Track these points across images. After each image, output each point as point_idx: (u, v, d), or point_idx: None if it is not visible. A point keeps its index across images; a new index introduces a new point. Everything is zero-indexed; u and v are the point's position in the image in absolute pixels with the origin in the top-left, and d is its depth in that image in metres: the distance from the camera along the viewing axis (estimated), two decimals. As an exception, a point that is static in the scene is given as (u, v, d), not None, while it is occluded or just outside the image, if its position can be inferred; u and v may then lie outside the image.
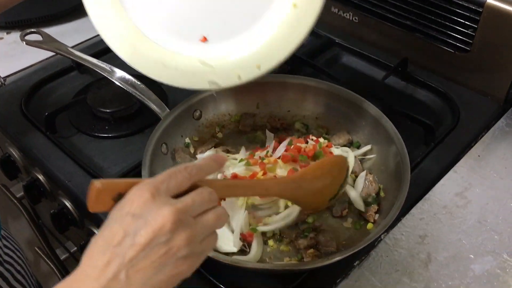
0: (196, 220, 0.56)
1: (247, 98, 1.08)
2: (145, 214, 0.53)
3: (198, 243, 0.56)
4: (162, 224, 0.52)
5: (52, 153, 1.09)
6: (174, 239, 0.53)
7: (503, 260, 0.88)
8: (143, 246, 0.52)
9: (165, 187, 0.56)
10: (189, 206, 0.55)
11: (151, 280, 0.52)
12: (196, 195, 0.57)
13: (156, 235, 0.52)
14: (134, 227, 0.52)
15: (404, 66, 1.23)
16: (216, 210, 0.59)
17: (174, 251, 0.53)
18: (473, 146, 1.09)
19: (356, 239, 0.87)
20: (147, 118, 1.13)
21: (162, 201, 0.54)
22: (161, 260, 0.52)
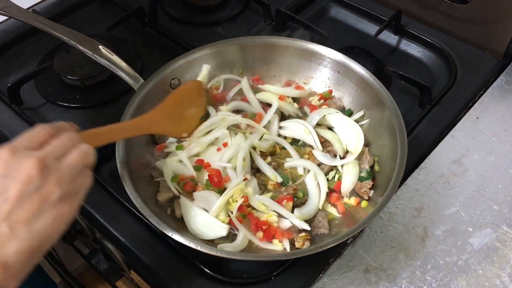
0: (60, 162, 0.58)
1: (228, 63, 0.99)
2: (8, 171, 0.55)
3: (70, 183, 0.58)
4: (28, 174, 0.55)
5: (19, 127, 1.01)
6: (44, 185, 0.55)
7: (502, 232, 0.84)
8: (16, 198, 0.54)
9: (23, 144, 0.59)
10: (50, 151, 0.58)
11: (34, 227, 0.55)
12: (55, 141, 0.60)
13: (25, 185, 0.54)
14: (2, 186, 0.54)
15: (398, 19, 1.14)
16: (79, 148, 0.61)
17: (48, 196, 0.55)
18: (471, 107, 1.02)
19: (350, 217, 0.82)
20: (121, 84, 1.03)
21: (22, 155, 0.56)
22: (38, 207, 0.55)
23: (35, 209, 0.55)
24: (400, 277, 0.79)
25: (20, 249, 0.54)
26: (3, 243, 0.53)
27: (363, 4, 1.20)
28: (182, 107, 0.91)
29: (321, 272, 0.79)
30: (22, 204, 0.54)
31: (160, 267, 0.80)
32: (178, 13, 1.26)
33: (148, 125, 0.85)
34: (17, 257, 0.54)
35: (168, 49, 1.16)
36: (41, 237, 0.55)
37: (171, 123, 0.89)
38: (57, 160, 0.58)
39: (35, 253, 0.56)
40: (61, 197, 0.57)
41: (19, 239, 0.54)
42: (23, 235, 0.54)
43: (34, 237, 0.55)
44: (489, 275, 0.79)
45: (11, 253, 0.54)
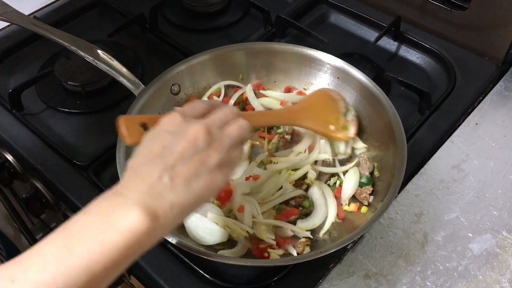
0: (222, 133, 0.62)
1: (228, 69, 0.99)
2: (179, 130, 0.59)
3: (227, 153, 0.61)
4: (195, 136, 0.58)
5: (20, 133, 1.01)
6: (206, 148, 0.59)
7: (502, 237, 0.84)
8: (181, 153, 0.57)
9: (191, 113, 0.63)
10: (214, 121, 0.62)
11: (191, 185, 0.57)
12: (219, 112, 0.64)
13: (191, 144, 0.58)
14: (171, 141, 0.58)
15: (397, 26, 1.15)
16: (238, 121, 0.64)
17: (208, 159, 0.58)
18: (470, 113, 1.03)
19: (349, 223, 0.82)
20: (122, 90, 1.03)
21: (192, 120, 0.61)
22: (198, 168, 0.58)
23: (195, 168, 0.57)
24: (400, 282, 0.79)
25: (175, 202, 0.56)
26: (163, 193, 0.55)
27: (362, 11, 1.21)
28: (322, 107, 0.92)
29: (321, 277, 0.79)
30: (186, 161, 0.57)
31: (160, 273, 0.80)
32: (179, 19, 1.26)
33: (302, 118, 0.88)
34: (171, 209, 0.56)
35: (168, 55, 1.16)
36: (195, 196, 0.57)
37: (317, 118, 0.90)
38: (220, 129, 0.62)
39: (185, 210, 0.58)
40: (218, 164, 0.59)
41: (177, 192, 0.56)
42: (181, 190, 0.56)
43: (189, 194, 0.57)
44: (489, 280, 0.79)
45: (167, 204, 0.55)
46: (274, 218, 0.82)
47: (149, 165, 0.57)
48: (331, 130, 0.89)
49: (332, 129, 0.89)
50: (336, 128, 0.90)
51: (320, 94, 0.95)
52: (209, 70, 0.98)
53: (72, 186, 0.91)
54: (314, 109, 0.91)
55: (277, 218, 0.82)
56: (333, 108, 0.93)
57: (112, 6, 1.28)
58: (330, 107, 0.93)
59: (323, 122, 0.90)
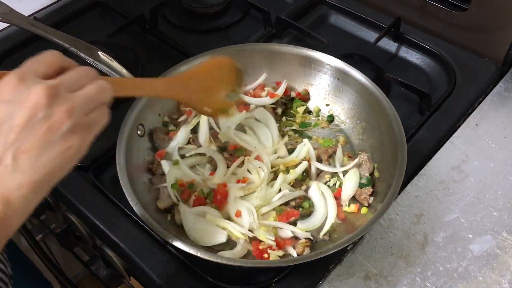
0: (74, 94, 0.54)
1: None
2: (16, 97, 0.51)
3: (82, 115, 0.54)
4: (36, 101, 0.51)
5: (20, 134, 1.01)
6: (53, 113, 0.52)
7: (502, 238, 0.84)
8: (22, 126, 0.51)
9: (32, 70, 0.54)
10: (63, 82, 0.54)
11: (40, 160, 0.51)
12: (72, 72, 0.56)
13: (33, 112, 0.51)
14: (8, 112, 0.51)
15: (397, 27, 1.15)
16: (97, 82, 0.57)
17: (57, 126, 0.52)
18: (470, 114, 1.03)
19: (349, 224, 0.82)
20: (121, 91, 1.04)
21: (31, 82, 0.52)
22: (46, 137, 0.51)
23: (42, 139, 0.51)
24: (400, 283, 0.79)
25: (23, 182, 0.51)
26: (6, 175, 0.50)
27: (362, 12, 1.21)
28: (209, 80, 0.83)
29: (321, 278, 0.79)
30: (29, 133, 0.51)
31: (160, 274, 0.80)
32: (179, 20, 1.26)
33: (171, 88, 0.77)
34: (20, 191, 0.51)
35: (168, 56, 1.16)
36: (47, 170, 0.52)
37: (196, 93, 0.80)
38: (70, 92, 0.54)
39: (39, 187, 0.53)
40: (71, 129, 0.52)
41: (23, 171, 0.51)
42: (27, 167, 0.51)
43: (39, 170, 0.51)
44: (489, 281, 0.79)
45: (14, 186, 0.51)
46: (274, 219, 0.82)
47: None
48: (205, 110, 0.83)
49: (206, 110, 0.83)
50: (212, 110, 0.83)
51: (213, 65, 0.86)
52: (209, 70, 0.98)
53: (72, 187, 0.91)
54: (196, 83, 0.81)
55: (277, 219, 0.82)
56: (219, 85, 0.85)
57: (112, 7, 1.28)
58: (216, 84, 0.84)
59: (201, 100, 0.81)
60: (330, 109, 0.99)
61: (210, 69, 0.84)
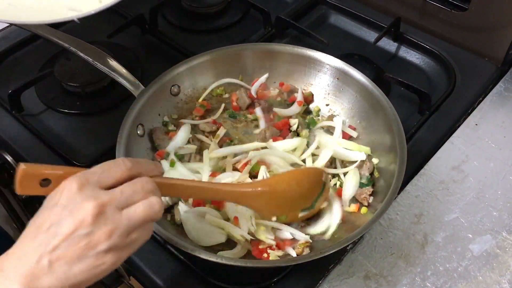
0: (121, 213, 0.57)
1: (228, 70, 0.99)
2: (70, 205, 0.55)
3: (123, 237, 0.56)
4: (84, 218, 0.54)
5: (19, 134, 1.01)
6: (95, 232, 0.55)
7: (502, 238, 0.84)
8: (65, 236, 0.54)
9: (95, 179, 0.57)
10: (115, 199, 0.57)
11: (71, 269, 0.54)
12: (128, 186, 0.58)
13: (77, 227, 0.54)
14: (59, 217, 0.55)
15: (397, 27, 1.15)
16: (147, 201, 0.58)
17: (94, 244, 0.55)
18: (470, 113, 1.03)
19: (349, 224, 0.82)
20: (121, 91, 1.03)
21: (88, 194, 0.56)
22: (81, 252, 0.54)
23: (79, 253, 0.54)
24: (400, 283, 0.79)
25: (52, 286, 0.54)
26: (39, 276, 0.54)
27: (362, 12, 1.21)
28: (291, 195, 0.77)
29: (321, 278, 0.79)
30: (69, 243, 0.54)
31: (160, 274, 0.80)
32: (179, 20, 1.26)
33: (240, 197, 0.74)
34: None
35: (168, 56, 1.16)
36: (77, 280, 0.55)
37: (268, 205, 0.76)
38: (119, 210, 0.56)
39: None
40: (108, 249, 0.55)
41: (55, 276, 0.54)
42: (60, 274, 0.54)
43: (69, 279, 0.55)
44: (489, 281, 0.79)
45: (45, 286, 0.54)
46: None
47: (34, 241, 0.55)
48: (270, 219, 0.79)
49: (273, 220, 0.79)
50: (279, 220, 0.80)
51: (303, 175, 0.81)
52: (209, 71, 0.98)
53: (72, 187, 0.91)
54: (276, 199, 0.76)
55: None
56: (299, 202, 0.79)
57: (111, 7, 1.27)
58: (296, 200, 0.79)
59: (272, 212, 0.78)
60: (330, 109, 0.99)
61: (296, 181, 0.78)
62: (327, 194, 0.82)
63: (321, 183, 0.80)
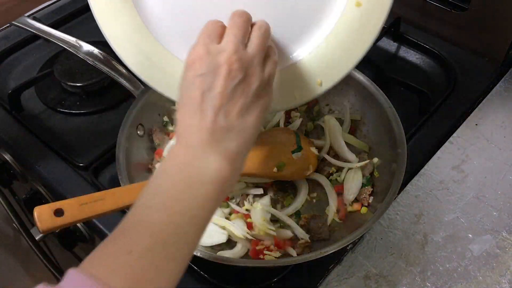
0: (249, 51, 0.58)
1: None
2: (210, 69, 0.56)
3: (262, 71, 0.58)
4: (229, 69, 0.55)
5: (19, 134, 1.01)
6: (245, 77, 0.56)
7: (502, 238, 0.84)
8: (223, 93, 0.55)
9: (211, 39, 0.59)
10: (237, 43, 0.58)
11: (245, 119, 0.56)
12: (233, 29, 0.59)
13: (229, 80, 0.55)
14: (207, 84, 0.55)
15: (397, 26, 1.15)
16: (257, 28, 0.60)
17: (250, 87, 0.57)
18: (470, 113, 1.03)
19: (349, 224, 0.82)
20: (122, 91, 1.03)
21: (216, 50, 0.57)
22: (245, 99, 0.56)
23: (243, 101, 0.56)
24: (400, 283, 0.79)
25: (240, 141, 0.56)
26: (223, 136, 0.55)
27: (362, 11, 1.20)
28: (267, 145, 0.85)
29: (321, 278, 0.79)
30: (229, 98, 0.55)
31: (160, 274, 0.80)
32: (178, 20, 1.26)
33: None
34: (238, 149, 0.56)
35: (168, 56, 1.16)
36: (252, 127, 0.57)
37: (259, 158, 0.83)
38: (245, 49, 0.58)
39: (249, 144, 0.58)
40: (260, 86, 0.57)
41: (236, 131, 0.56)
42: (238, 127, 0.56)
43: (248, 128, 0.56)
44: (489, 281, 0.79)
45: (233, 145, 0.55)
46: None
47: (197, 113, 0.55)
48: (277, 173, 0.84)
49: (277, 173, 0.83)
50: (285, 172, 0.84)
51: (264, 136, 0.88)
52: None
53: (72, 187, 0.91)
54: (258, 152, 0.83)
55: None
56: (279, 146, 0.86)
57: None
58: (277, 147, 0.85)
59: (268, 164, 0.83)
60: (330, 109, 0.99)
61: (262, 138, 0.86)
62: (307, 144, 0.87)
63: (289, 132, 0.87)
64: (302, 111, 0.97)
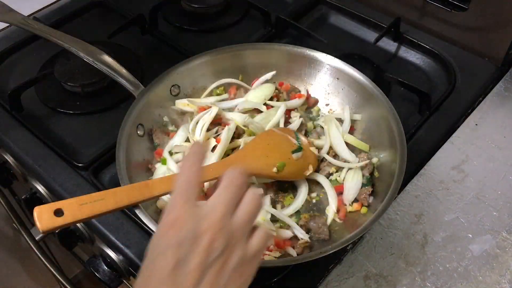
0: (232, 219, 0.53)
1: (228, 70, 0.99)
2: (189, 234, 0.49)
3: (245, 242, 0.53)
4: (211, 241, 0.49)
5: (19, 134, 1.01)
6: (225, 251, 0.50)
7: (502, 238, 0.84)
8: (199, 268, 0.49)
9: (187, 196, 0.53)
10: (223, 208, 0.52)
11: None
12: (224, 191, 0.54)
13: (209, 253, 0.49)
14: (183, 253, 0.49)
15: (397, 26, 1.15)
16: (248, 195, 0.55)
17: (230, 261, 0.51)
18: (470, 113, 1.03)
19: (349, 224, 0.82)
20: (121, 91, 1.03)
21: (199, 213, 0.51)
22: (221, 275, 0.50)
23: (218, 277, 0.49)
24: (400, 283, 0.79)
25: None
26: None
27: (362, 12, 1.21)
28: (265, 145, 0.85)
29: (321, 278, 0.79)
30: (205, 273, 0.49)
31: (160, 274, 0.80)
32: (179, 20, 1.26)
33: (239, 161, 0.79)
34: None
35: (168, 56, 1.16)
36: None
37: (257, 159, 0.82)
38: (231, 217, 0.52)
39: None
40: (241, 261, 0.52)
41: None
42: None
43: None
44: (489, 281, 0.79)
45: None
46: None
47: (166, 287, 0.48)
48: (276, 174, 0.83)
49: (277, 174, 0.83)
50: (284, 172, 0.83)
51: (264, 136, 0.87)
52: (209, 71, 0.98)
53: (72, 187, 0.91)
54: (258, 152, 0.83)
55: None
56: (277, 148, 0.85)
57: (111, 7, 1.28)
58: (276, 147, 0.85)
59: (268, 164, 0.83)
60: (330, 109, 0.99)
61: (262, 138, 0.86)
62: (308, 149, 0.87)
63: (287, 139, 0.86)
64: (302, 111, 0.98)
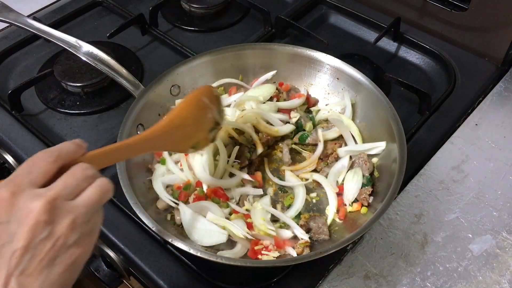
0: (75, 202, 0.52)
1: (228, 70, 0.99)
2: (13, 216, 0.49)
3: (85, 224, 0.52)
4: (36, 219, 0.48)
5: (19, 134, 1.01)
6: (56, 229, 0.49)
7: (502, 238, 0.84)
8: (24, 248, 0.48)
9: (27, 181, 0.51)
10: (61, 191, 0.51)
11: (48, 278, 0.49)
12: (68, 177, 0.53)
13: (34, 232, 0.48)
14: (7, 234, 0.49)
15: (397, 26, 1.15)
16: (97, 185, 0.54)
17: (62, 241, 0.50)
18: (470, 113, 1.03)
19: (349, 224, 0.82)
20: (121, 91, 1.04)
21: (28, 196, 0.50)
22: (51, 255, 0.49)
23: (47, 258, 0.49)
24: (400, 283, 0.79)
25: None
26: None
27: (362, 12, 1.21)
28: (191, 118, 0.79)
29: (321, 278, 0.79)
30: (33, 254, 0.48)
31: (160, 274, 0.80)
32: (179, 20, 1.26)
33: (153, 141, 0.74)
34: None
35: (168, 56, 1.16)
36: (60, 283, 0.50)
37: (179, 138, 0.77)
38: (70, 200, 0.52)
39: None
40: (76, 240, 0.51)
41: None
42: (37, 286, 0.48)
43: (52, 285, 0.49)
44: (489, 281, 0.79)
45: None
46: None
47: None
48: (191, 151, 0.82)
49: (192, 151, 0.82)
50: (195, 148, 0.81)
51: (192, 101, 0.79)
52: (209, 71, 0.98)
53: (72, 187, 0.91)
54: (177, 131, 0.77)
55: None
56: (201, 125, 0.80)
57: (112, 7, 1.28)
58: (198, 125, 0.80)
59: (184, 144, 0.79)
60: (330, 109, 0.99)
61: (186, 107, 0.78)
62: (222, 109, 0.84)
63: (215, 97, 0.82)
64: (302, 111, 0.97)
